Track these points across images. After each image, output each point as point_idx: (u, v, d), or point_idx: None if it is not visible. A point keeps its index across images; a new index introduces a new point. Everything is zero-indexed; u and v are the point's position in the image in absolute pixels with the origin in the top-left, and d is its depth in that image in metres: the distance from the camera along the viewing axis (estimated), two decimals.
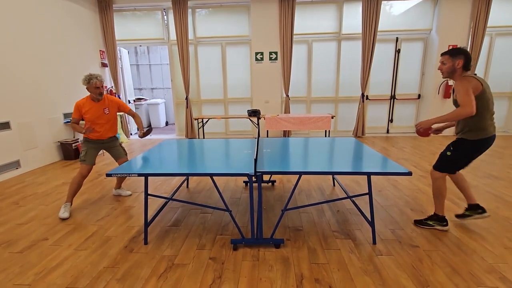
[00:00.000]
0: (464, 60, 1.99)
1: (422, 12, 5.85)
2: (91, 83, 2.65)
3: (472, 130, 2.03)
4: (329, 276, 1.76)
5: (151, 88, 9.42)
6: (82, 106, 2.73)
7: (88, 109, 2.73)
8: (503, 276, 1.73)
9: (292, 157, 2.36)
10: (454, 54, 2.01)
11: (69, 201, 2.74)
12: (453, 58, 2.01)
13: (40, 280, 1.78)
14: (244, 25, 6.08)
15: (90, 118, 2.75)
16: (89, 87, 2.67)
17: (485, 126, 2.01)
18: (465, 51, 2.01)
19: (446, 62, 2.05)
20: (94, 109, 2.76)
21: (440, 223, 2.24)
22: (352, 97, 6.32)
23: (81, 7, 5.43)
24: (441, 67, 2.09)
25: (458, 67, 2.01)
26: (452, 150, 2.13)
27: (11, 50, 3.94)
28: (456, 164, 2.17)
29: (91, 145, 2.83)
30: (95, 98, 2.75)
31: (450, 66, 2.03)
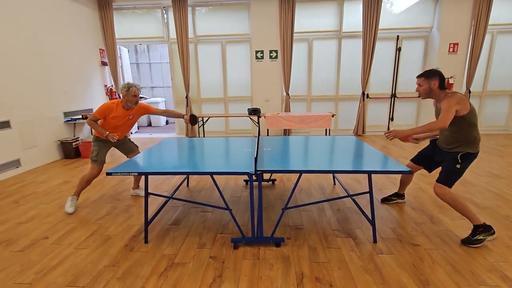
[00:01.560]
0: (439, 80, 2.08)
1: (423, 9, 5.82)
2: (130, 91, 2.64)
3: (471, 144, 2.06)
4: (329, 275, 1.76)
5: (151, 86, 9.41)
6: (111, 111, 2.67)
7: (116, 115, 2.69)
8: (504, 274, 1.73)
9: (292, 155, 2.35)
10: (429, 75, 2.10)
11: (77, 195, 2.77)
12: (429, 79, 2.10)
13: (41, 279, 1.78)
14: (244, 23, 6.06)
15: (116, 124, 2.73)
16: (127, 95, 2.65)
17: (479, 139, 2.07)
18: (439, 72, 2.10)
19: (423, 84, 2.12)
20: (122, 115, 2.73)
21: (489, 233, 2.03)
22: (352, 96, 6.30)
23: (81, 5, 5.41)
24: (418, 88, 2.16)
25: (434, 87, 2.09)
26: (461, 163, 2.07)
27: (10, 48, 3.93)
28: (459, 177, 2.11)
29: (102, 144, 2.79)
30: (127, 106, 2.73)
31: (427, 88, 2.11)
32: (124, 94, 2.66)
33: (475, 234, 2.03)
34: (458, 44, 5.70)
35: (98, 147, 2.76)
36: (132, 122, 2.89)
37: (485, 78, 6.07)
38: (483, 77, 6.06)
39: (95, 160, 2.74)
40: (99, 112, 2.66)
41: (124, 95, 2.66)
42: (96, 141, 2.78)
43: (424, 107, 6.20)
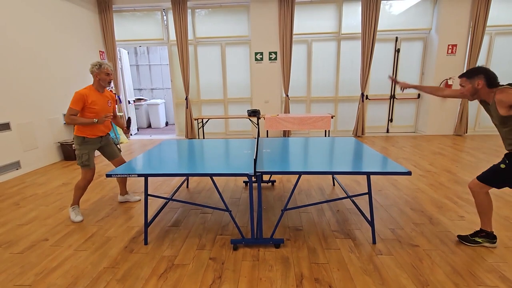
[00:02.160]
0: (485, 79, 1.84)
1: (422, 11, 5.85)
2: (103, 68, 2.45)
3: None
4: (329, 276, 1.76)
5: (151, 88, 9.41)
6: (87, 96, 2.40)
7: (95, 100, 2.46)
8: (503, 275, 1.73)
9: (292, 157, 2.36)
10: (471, 75, 1.87)
11: (76, 203, 2.63)
12: (471, 79, 1.88)
13: (41, 280, 1.79)
14: (244, 25, 6.08)
15: (99, 110, 2.49)
16: (100, 73, 2.45)
17: None
18: (483, 69, 1.86)
19: (465, 85, 1.92)
20: (101, 100, 2.52)
21: (490, 240, 1.98)
22: (351, 97, 6.32)
23: (81, 7, 5.44)
24: (461, 90, 1.95)
25: (480, 87, 1.85)
26: (508, 163, 1.87)
27: (11, 51, 3.95)
28: (506, 179, 1.89)
29: (90, 146, 2.56)
30: (101, 88, 2.53)
31: (470, 88, 1.89)
32: (96, 73, 2.45)
33: (476, 235, 2.02)
34: (456, 45, 5.73)
35: (87, 150, 2.53)
36: (112, 111, 2.67)
37: None
38: None
39: (87, 164, 2.53)
40: (75, 102, 2.36)
41: (96, 73, 2.45)
42: (82, 144, 2.51)
43: (423, 108, 6.21)
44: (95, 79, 2.49)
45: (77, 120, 2.39)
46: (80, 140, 2.51)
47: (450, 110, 5.94)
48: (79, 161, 2.53)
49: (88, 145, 2.55)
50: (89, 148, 2.55)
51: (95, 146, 2.63)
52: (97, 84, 2.51)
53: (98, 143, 2.64)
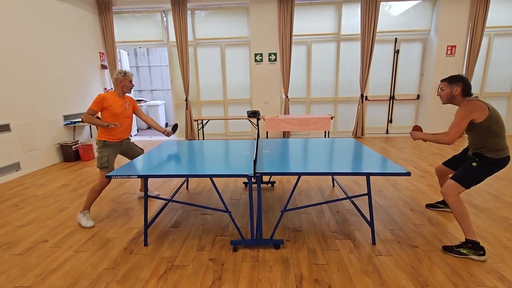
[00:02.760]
0: (462, 87, 2.00)
1: (421, 12, 5.87)
2: (128, 75, 2.61)
3: (493, 150, 1.96)
4: (328, 277, 1.76)
5: (150, 89, 9.42)
6: (106, 100, 2.53)
7: (113, 103, 2.57)
8: (502, 276, 1.74)
9: (291, 158, 2.37)
10: (452, 81, 2.03)
11: (88, 208, 2.60)
12: (451, 85, 2.03)
13: (40, 282, 1.79)
14: (243, 27, 6.10)
15: (115, 112, 2.58)
16: (124, 80, 2.59)
17: (504, 146, 1.97)
18: (463, 78, 2.01)
19: (444, 89, 2.07)
20: (118, 103, 2.62)
21: (476, 252, 1.90)
22: (351, 98, 6.33)
23: (81, 9, 5.45)
24: (440, 93, 2.11)
25: (456, 93, 2.02)
26: (478, 161, 2.00)
27: (10, 52, 3.95)
28: (477, 178, 2.01)
29: (111, 149, 2.63)
30: (122, 93, 2.67)
31: (448, 93, 2.05)
32: (120, 80, 2.59)
33: (461, 246, 1.95)
34: (455, 46, 5.74)
35: (107, 152, 2.59)
36: (130, 114, 2.77)
37: (482, 80, 6.10)
38: (481, 79, 6.09)
39: (106, 166, 2.58)
40: (95, 103, 2.51)
41: (121, 80, 2.59)
42: (103, 147, 2.60)
43: (423, 109, 6.22)
44: (118, 85, 2.62)
45: (92, 120, 2.52)
46: (101, 144, 2.61)
47: (449, 111, 5.95)
48: (98, 162, 2.60)
49: (109, 148, 2.63)
50: (109, 151, 2.62)
51: (116, 149, 2.71)
52: (119, 90, 2.65)
53: (118, 146, 2.72)
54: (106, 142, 2.60)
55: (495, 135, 1.95)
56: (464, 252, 1.92)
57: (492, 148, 1.96)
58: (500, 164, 1.98)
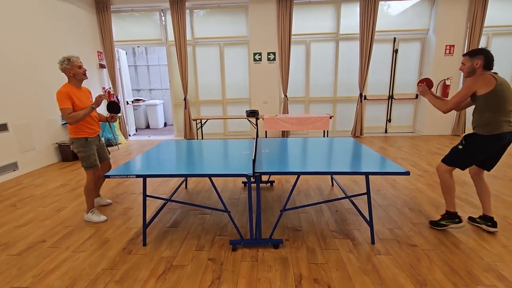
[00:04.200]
0: (484, 60, 2.01)
1: (419, 12, 5.88)
2: (73, 61, 2.35)
3: (484, 126, 2.00)
4: (327, 276, 1.76)
5: (149, 89, 9.40)
6: (71, 93, 2.34)
7: (78, 95, 2.37)
8: (501, 274, 1.74)
9: (290, 157, 2.36)
10: (473, 54, 2.05)
11: (92, 207, 2.57)
12: (472, 58, 2.05)
13: (38, 282, 1.78)
14: (242, 26, 6.08)
15: (83, 106, 2.40)
16: (72, 67, 2.35)
17: (497, 123, 1.97)
18: (485, 51, 2.03)
19: (465, 63, 2.08)
20: (82, 95, 2.44)
21: (452, 221, 2.16)
22: (350, 97, 6.33)
23: (79, 8, 5.42)
24: (461, 67, 2.12)
25: (477, 66, 2.03)
26: (464, 143, 2.09)
27: (8, 51, 3.93)
28: (466, 159, 2.09)
29: (92, 146, 2.53)
30: (77, 83, 2.44)
31: (470, 66, 2.06)
32: (68, 69, 2.36)
33: (443, 218, 2.20)
34: (454, 46, 5.75)
35: (93, 150, 2.50)
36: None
37: None
38: None
39: (96, 164, 2.51)
40: (63, 100, 2.29)
41: (68, 69, 2.37)
42: (87, 146, 2.46)
43: (421, 109, 6.24)
44: (68, 75, 2.40)
45: (77, 116, 2.32)
46: (83, 142, 2.45)
47: None
48: (87, 162, 2.46)
49: (92, 144, 2.52)
50: (94, 148, 2.53)
51: (96, 144, 2.61)
52: (73, 80, 2.43)
53: (97, 141, 2.62)
54: (88, 139, 2.46)
55: (490, 110, 1.97)
56: (444, 223, 2.17)
57: (484, 123, 2.00)
58: (492, 140, 1.99)
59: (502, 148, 2.07)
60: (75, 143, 2.44)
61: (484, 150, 2.04)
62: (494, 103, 1.96)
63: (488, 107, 1.98)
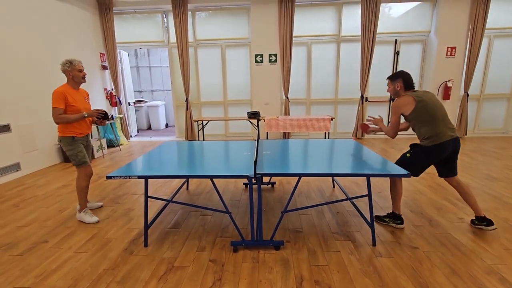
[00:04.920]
0: (403, 82, 2.21)
1: (421, 14, 5.88)
2: (74, 64, 2.45)
3: (426, 139, 2.15)
4: (329, 278, 1.76)
5: (151, 90, 9.44)
6: (67, 94, 2.40)
7: (74, 96, 2.44)
8: (503, 277, 1.73)
9: (291, 159, 2.37)
10: (394, 78, 2.25)
11: (84, 206, 2.60)
12: (393, 81, 2.26)
13: (40, 282, 1.79)
14: (244, 27, 6.11)
15: (79, 107, 2.46)
16: (72, 70, 2.44)
17: (438, 133, 2.11)
18: (403, 74, 2.22)
19: (389, 86, 2.30)
20: (79, 97, 2.50)
21: (394, 221, 2.35)
22: (351, 99, 6.34)
23: (81, 9, 5.46)
24: (387, 90, 2.34)
25: (398, 89, 2.23)
26: (412, 152, 2.25)
27: (11, 52, 3.96)
28: (413, 167, 2.21)
29: (79, 144, 2.54)
30: (75, 85, 2.51)
31: (393, 89, 2.27)
32: (68, 71, 2.45)
33: (387, 216, 2.39)
34: (455, 47, 5.75)
35: (80, 147, 2.52)
36: (90, 107, 2.66)
37: (482, 81, 6.11)
38: (481, 81, 6.10)
39: (85, 161, 2.52)
40: (57, 100, 2.35)
41: (69, 71, 2.45)
42: (74, 144, 2.49)
43: None
44: (68, 77, 2.49)
45: (66, 118, 2.38)
46: (70, 140, 2.49)
47: (450, 112, 5.95)
48: (75, 160, 2.50)
49: (79, 143, 2.54)
50: (81, 146, 2.55)
51: (84, 143, 2.63)
52: (71, 82, 2.50)
53: (85, 141, 2.64)
54: (74, 138, 2.50)
55: (425, 124, 2.12)
56: (387, 220, 2.38)
57: (424, 136, 2.15)
58: (435, 150, 2.13)
59: (452, 153, 2.18)
60: (63, 141, 2.50)
61: (429, 159, 2.19)
62: (424, 118, 2.11)
63: (421, 123, 2.14)
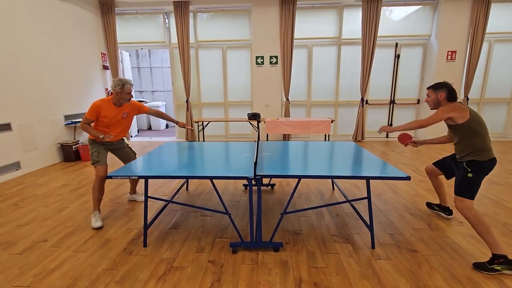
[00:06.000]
0: (447, 93, 2.11)
1: (422, 17, 5.91)
2: (125, 88, 2.50)
3: (479, 151, 1.99)
4: (327, 280, 1.76)
5: (152, 90, 9.46)
6: (102, 109, 2.51)
7: (108, 113, 2.54)
8: (502, 281, 1.73)
9: (291, 160, 2.37)
10: (437, 87, 2.16)
11: (97, 208, 2.57)
12: (436, 91, 2.16)
13: (39, 281, 1.78)
14: (245, 29, 6.13)
15: (109, 122, 2.59)
16: (121, 92, 2.50)
17: (488, 147, 1.99)
18: (447, 85, 2.13)
19: (430, 95, 2.20)
20: (114, 113, 2.59)
21: (509, 267, 1.80)
22: (351, 102, 6.35)
23: (83, 10, 5.48)
24: (427, 99, 2.24)
25: (441, 99, 2.14)
26: (472, 171, 1.99)
27: (12, 52, 3.97)
28: (477, 186, 1.99)
29: (101, 144, 2.66)
30: (119, 103, 2.59)
31: (434, 99, 2.17)
32: (117, 92, 2.51)
33: (492, 262, 1.82)
34: (456, 51, 5.77)
35: (96, 147, 2.62)
36: (127, 122, 2.75)
37: (483, 86, 6.13)
38: (481, 85, 6.12)
39: (97, 160, 2.57)
40: (91, 112, 2.50)
41: (118, 92, 2.51)
42: (93, 144, 2.65)
43: (423, 114, 6.24)
44: (115, 96, 2.56)
45: (88, 130, 2.56)
46: (91, 141, 2.68)
47: None
48: (91, 159, 2.62)
49: (98, 144, 2.66)
50: (99, 146, 2.65)
51: (105, 146, 2.71)
52: (116, 100, 2.58)
53: (108, 145, 2.74)
54: (95, 140, 2.66)
55: (479, 136, 1.99)
56: (499, 268, 1.81)
57: (478, 149, 1.99)
58: (490, 165, 2.01)
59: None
60: (88, 141, 2.72)
61: (486, 174, 2.02)
62: (477, 129, 1.98)
63: (474, 134, 1.99)
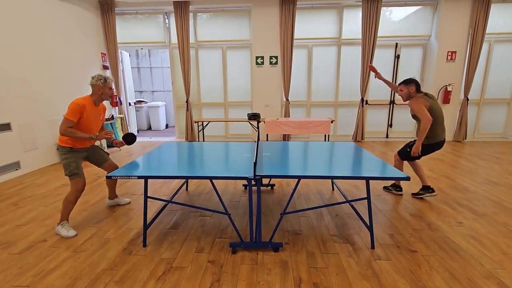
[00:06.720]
0: (415, 86, 2.75)
1: (422, 18, 5.91)
2: (108, 82, 2.38)
3: (427, 137, 2.73)
4: (327, 280, 1.76)
5: (151, 90, 9.45)
6: (84, 108, 2.30)
7: (90, 113, 2.37)
8: (501, 282, 1.73)
9: (291, 161, 2.37)
10: (408, 83, 2.78)
11: (65, 219, 2.38)
12: (407, 86, 2.77)
13: (39, 281, 1.78)
14: (245, 29, 6.13)
15: (88, 124, 2.37)
16: (104, 87, 2.37)
17: (434, 134, 2.73)
18: (415, 80, 2.77)
19: (403, 89, 2.79)
20: (94, 113, 2.42)
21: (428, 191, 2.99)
22: (351, 102, 6.35)
23: (83, 9, 5.48)
24: (400, 93, 2.83)
25: (412, 91, 2.77)
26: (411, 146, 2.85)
27: (12, 51, 3.97)
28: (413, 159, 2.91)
29: (78, 154, 2.43)
30: (99, 101, 2.44)
31: (407, 92, 2.78)
32: (99, 87, 2.35)
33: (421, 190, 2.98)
34: (456, 52, 5.78)
35: (74, 158, 2.37)
36: (102, 124, 2.59)
37: (482, 86, 6.13)
38: (481, 85, 6.12)
39: (76, 173, 2.35)
40: (72, 112, 2.23)
41: (100, 87, 2.36)
42: (70, 152, 2.37)
43: None
44: (96, 92, 2.39)
45: (74, 134, 2.26)
46: (66, 150, 2.37)
47: (450, 116, 5.97)
48: (67, 170, 2.36)
49: (76, 153, 2.42)
50: (76, 157, 2.41)
51: (83, 154, 2.51)
52: (97, 97, 2.41)
53: (85, 152, 2.53)
54: (72, 149, 2.38)
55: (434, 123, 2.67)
56: (421, 192, 2.99)
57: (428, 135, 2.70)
58: (432, 148, 2.81)
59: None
60: (60, 149, 2.40)
61: (426, 153, 2.84)
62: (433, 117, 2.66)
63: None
